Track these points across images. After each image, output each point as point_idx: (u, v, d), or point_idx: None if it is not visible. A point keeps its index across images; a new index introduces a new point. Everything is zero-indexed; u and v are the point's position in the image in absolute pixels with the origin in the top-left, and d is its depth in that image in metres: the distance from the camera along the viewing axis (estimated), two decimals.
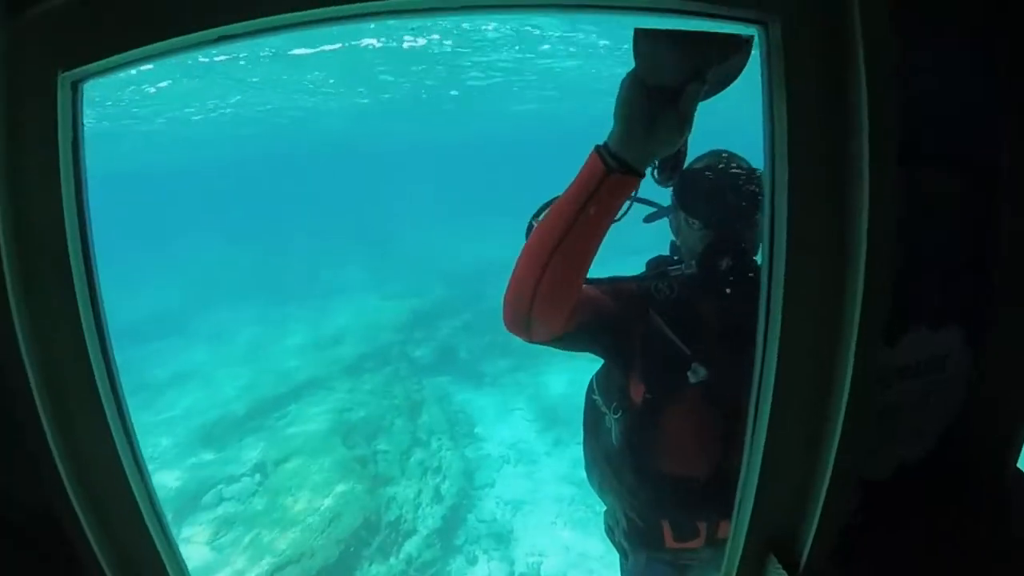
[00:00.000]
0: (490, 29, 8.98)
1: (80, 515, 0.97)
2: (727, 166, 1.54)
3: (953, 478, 1.07)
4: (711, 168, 1.54)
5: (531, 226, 1.41)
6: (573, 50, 10.44)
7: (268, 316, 12.49)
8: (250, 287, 14.84)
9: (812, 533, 1.06)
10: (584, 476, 2.03)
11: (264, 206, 29.33)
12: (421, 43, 9.44)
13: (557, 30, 9.25)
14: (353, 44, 9.07)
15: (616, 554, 1.98)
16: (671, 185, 1.40)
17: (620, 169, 1.14)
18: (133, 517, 1.04)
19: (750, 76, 1.05)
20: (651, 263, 1.68)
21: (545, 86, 13.32)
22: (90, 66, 0.91)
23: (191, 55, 8.09)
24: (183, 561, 1.14)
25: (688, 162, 1.53)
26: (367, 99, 13.27)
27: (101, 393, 0.98)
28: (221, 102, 12.09)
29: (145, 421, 8.19)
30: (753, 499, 1.10)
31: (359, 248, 18.12)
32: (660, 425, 1.57)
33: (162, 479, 6.78)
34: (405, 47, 9.54)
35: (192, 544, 5.82)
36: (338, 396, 8.40)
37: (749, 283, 1.49)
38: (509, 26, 8.87)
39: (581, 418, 1.92)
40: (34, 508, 0.96)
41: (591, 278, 1.50)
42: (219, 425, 7.97)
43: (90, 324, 0.97)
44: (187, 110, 12.35)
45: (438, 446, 7.36)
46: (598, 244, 1.26)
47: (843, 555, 1.07)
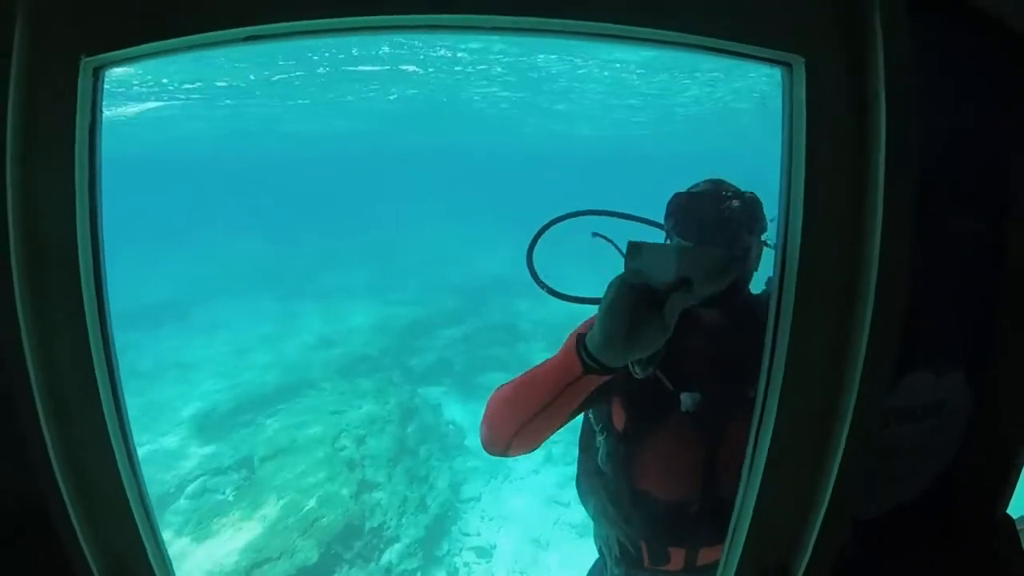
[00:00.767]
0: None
1: (70, 511, 0.96)
2: (719, 193, 1.53)
3: (944, 519, 1.07)
4: (704, 195, 1.54)
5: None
6: (595, 65, 10.54)
7: (268, 313, 12.47)
8: (253, 282, 14.83)
9: (803, 567, 1.06)
10: (572, 496, 2.05)
11: (275, 203, 29.39)
12: (445, 54, 9.54)
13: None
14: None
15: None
16: (646, 375, 1.37)
17: (597, 370, 1.23)
18: (123, 516, 1.03)
19: (772, 113, 1.08)
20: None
21: (565, 102, 13.41)
22: (113, 53, 0.91)
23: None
24: (171, 563, 1.13)
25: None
26: (390, 100, 13.34)
27: (100, 389, 0.97)
28: (242, 100, 12.17)
29: (135, 407, 8.17)
30: (747, 530, 1.10)
31: (365, 252, 18.14)
32: (640, 452, 1.57)
33: (147, 466, 6.74)
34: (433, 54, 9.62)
35: (172, 532, 5.79)
36: (330, 398, 8.38)
37: (737, 314, 1.50)
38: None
39: (572, 438, 1.93)
40: (25, 502, 0.95)
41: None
42: (209, 417, 7.94)
43: (94, 316, 0.96)
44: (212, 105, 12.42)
45: (427, 455, 7.33)
46: (570, 410, 1.40)
47: None
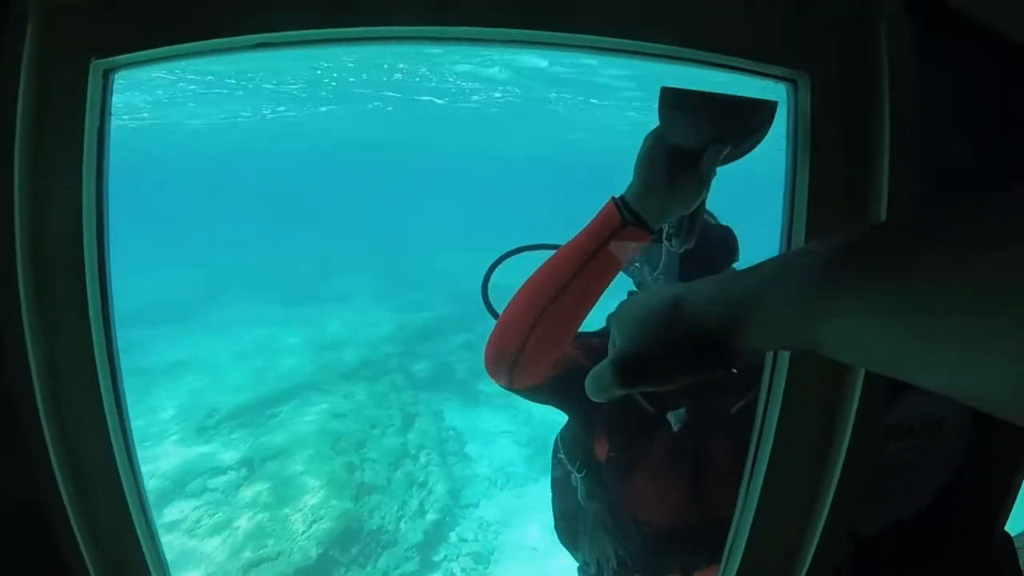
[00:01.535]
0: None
1: (69, 513, 0.96)
2: (689, 215, 1.48)
3: (943, 536, 1.07)
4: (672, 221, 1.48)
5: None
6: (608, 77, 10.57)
7: (273, 314, 12.50)
8: (259, 283, 14.89)
9: None
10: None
11: (284, 206, 29.55)
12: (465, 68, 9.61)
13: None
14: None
15: None
16: (685, 247, 1.33)
17: (634, 223, 1.13)
18: (122, 519, 1.03)
19: (774, 131, 1.08)
20: (611, 318, 1.62)
21: (579, 117, 13.46)
22: (124, 56, 0.91)
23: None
24: (168, 566, 1.13)
25: None
26: (402, 108, 13.43)
27: (102, 391, 0.97)
28: (254, 104, 12.27)
29: (137, 406, 8.21)
30: (744, 547, 1.10)
31: (371, 257, 18.19)
32: (626, 480, 1.55)
33: (149, 462, 6.76)
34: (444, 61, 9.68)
35: (171, 530, 5.79)
36: (333, 401, 8.39)
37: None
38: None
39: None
40: (25, 504, 0.95)
41: None
42: (211, 416, 7.96)
43: (98, 317, 0.96)
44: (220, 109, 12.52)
45: (427, 461, 7.33)
46: (597, 296, 1.24)
47: None
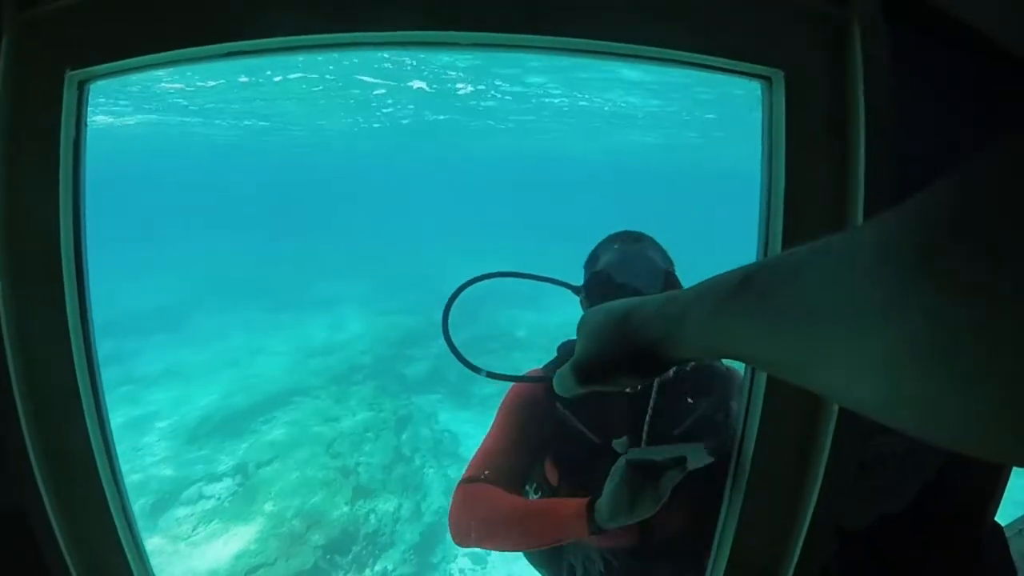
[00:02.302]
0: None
1: (51, 517, 0.95)
2: (633, 256, 1.59)
3: (930, 530, 1.07)
4: (617, 263, 1.59)
5: None
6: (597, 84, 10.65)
7: (264, 320, 12.47)
8: (249, 290, 14.83)
9: None
10: None
11: (272, 212, 29.45)
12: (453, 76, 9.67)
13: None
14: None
15: None
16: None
17: (598, 531, 1.35)
18: (104, 523, 1.02)
19: (751, 126, 1.12)
20: (562, 347, 1.72)
21: (563, 118, 13.55)
22: (98, 67, 0.91)
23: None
24: (151, 570, 1.13)
25: (597, 245, 1.68)
26: (387, 113, 13.45)
27: (82, 396, 0.97)
28: (241, 108, 12.25)
29: (131, 414, 8.17)
30: (730, 546, 1.11)
31: (358, 260, 18.18)
32: (568, 490, 1.61)
33: (144, 472, 6.74)
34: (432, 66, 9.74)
35: (168, 538, 5.78)
36: (326, 405, 8.38)
37: (669, 380, 1.57)
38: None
39: None
40: (5, 508, 0.94)
41: (497, 421, 1.67)
42: (204, 424, 7.92)
43: (76, 326, 0.96)
44: (208, 115, 12.50)
45: (421, 463, 7.34)
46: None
47: None
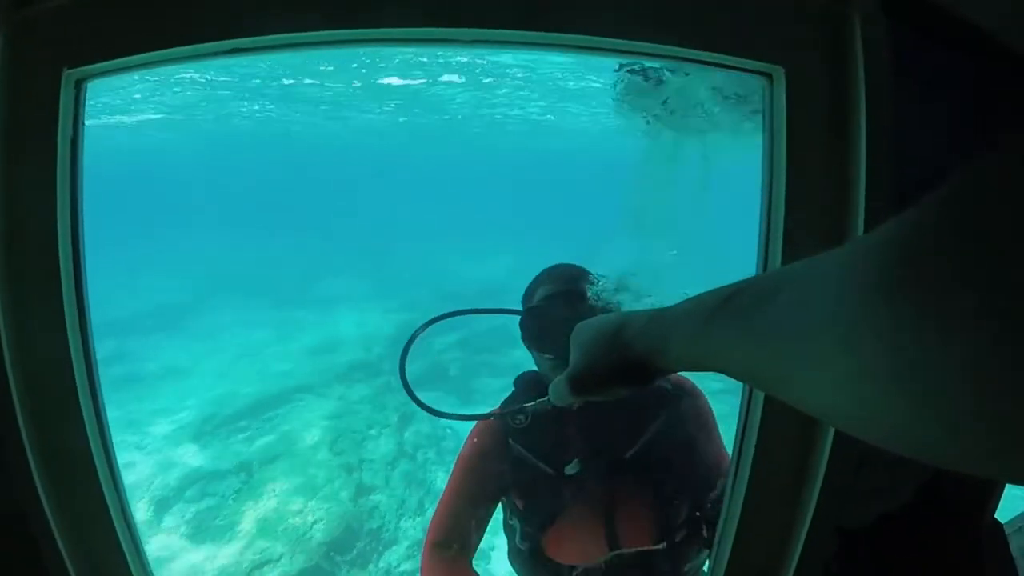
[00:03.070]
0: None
1: (50, 518, 0.95)
2: (568, 291, 1.64)
3: (931, 528, 1.06)
4: (551, 298, 1.64)
5: None
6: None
7: (266, 318, 12.47)
8: (251, 288, 14.85)
9: None
10: None
11: (273, 210, 29.38)
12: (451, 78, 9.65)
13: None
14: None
15: None
16: None
17: None
18: (104, 524, 1.02)
19: (752, 123, 1.13)
20: (518, 380, 1.82)
21: (559, 114, 13.52)
22: (96, 65, 0.91)
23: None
24: (150, 570, 1.13)
25: (533, 279, 1.74)
26: (388, 112, 13.44)
27: (80, 396, 0.97)
28: (240, 105, 12.23)
29: (135, 412, 8.20)
30: (731, 544, 1.11)
31: (361, 259, 18.15)
32: (543, 528, 1.71)
33: (148, 470, 6.78)
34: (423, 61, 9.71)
35: (173, 536, 5.81)
36: (328, 403, 8.40)
37: (612, 405, 1.59)
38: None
39: None
40: (3, 508, 0.94)
41: (449, 484, 1.80)
42: (208, 422, 7.95)
43: (74, 325, 0.95)
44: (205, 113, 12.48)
45: (424, 459, 7.36)
46: None
47: None
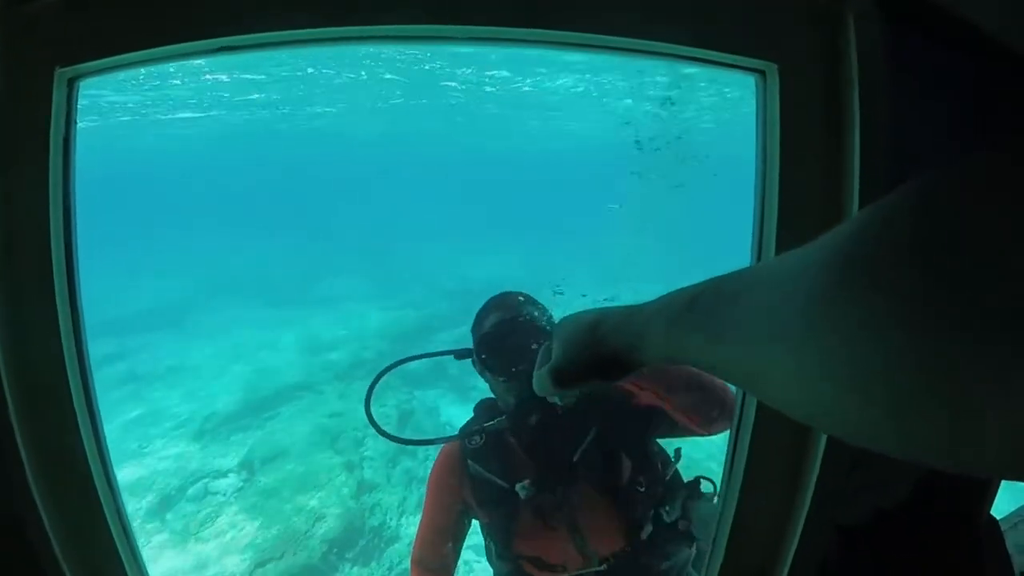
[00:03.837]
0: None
1: (45, 522, 0.95)
2: (513, 318, 1.75)
3: (926, 524, 1.06)
4: (500, 324, 1.75)
5: None
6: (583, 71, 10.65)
7: (265, 317, 12.50)
8: (252, 287, 14.87)
9: None
10: None
11: (271, 210, 29.37)
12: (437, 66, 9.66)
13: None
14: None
15: None
16: None
17: None
18: (99, 528, 1.02)
19: (747, 120, 1.13)
20: (477, 406, 1.91)
21: (551, 106, 13.54)
22: (88, 64, 0.91)
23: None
24: (146, 572, 1.12)
25: (480, 308, 1.84)
26: (385, 109, 13.45)
27: (74, 399, 0.96)
28: (237, 101, 12.24)
29: (137, 412, 8.22)
30: (726, 543, 1.11)
31: (361, 258, 18.16)
32: (509, 541, 1.79)
33: (150, 468, 6.80)
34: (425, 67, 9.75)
35: (175, 534, 5.83)
36: (329, 401, 8.42)
37: (547, 407, 1.71)
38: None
39: None
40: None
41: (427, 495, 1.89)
42: (209, 421, 7.97)
43: (67, 325, 0.95)
44: (206, 109, 12.49)
45: (424, 456, 7.38)
46: None
47: None
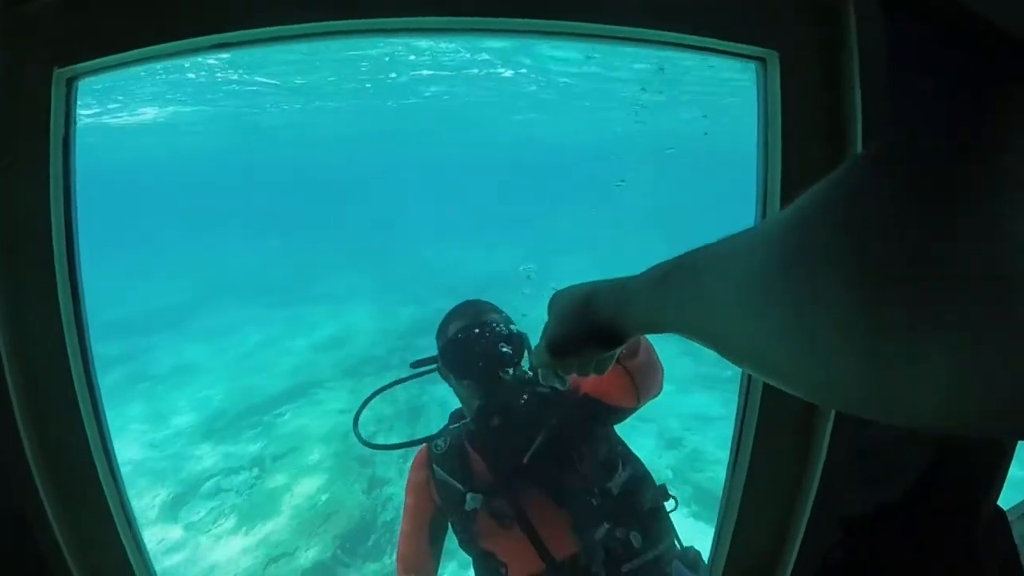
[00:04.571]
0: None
1: (51, 519, 0.95)
2: (475, 323, 1.85)
3: (931, 516, 1.06)
4: (463, 330, 1.84)
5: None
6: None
7: (272, 316, 12.52)
8: (255, 286, 14.90)
9: (790, 568, 1.06)
10: None
11: (273, 208, 29.44)
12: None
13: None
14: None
15: None
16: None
17: None
18: (105, 524, 1.02)
19: (747, 107, 1.12)
20: (453, 415, 2.01)
21: (547, 97, 13.49)
22: (86, 64, 0.91)
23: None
24: (153, 568, 1.13)
25: (444, 317, 1.95)
26: (386, 105, 13.44)
27: (78, 395, 0.97)
28: (241, 102, 12.25)
29: (147, 411, 8.28)
30: (732, 535, 1.10)
31: (364, 255, 18.18)
32: (470, 541, 1.89)
33: (161, 468, 6.84)
34: (412, 58, 9.74)
35: (189, 531, 5.88)
36: (338, 397, 8.44)
37: (522, 418, 1.79)
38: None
39: None
40: (4, 511, 0.94)
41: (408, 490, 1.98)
42: (219, 419, 8.01)
43: (70, 321, 0.96)
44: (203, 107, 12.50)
45: None
46: None
47: None
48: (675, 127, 14.61)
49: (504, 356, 1.79)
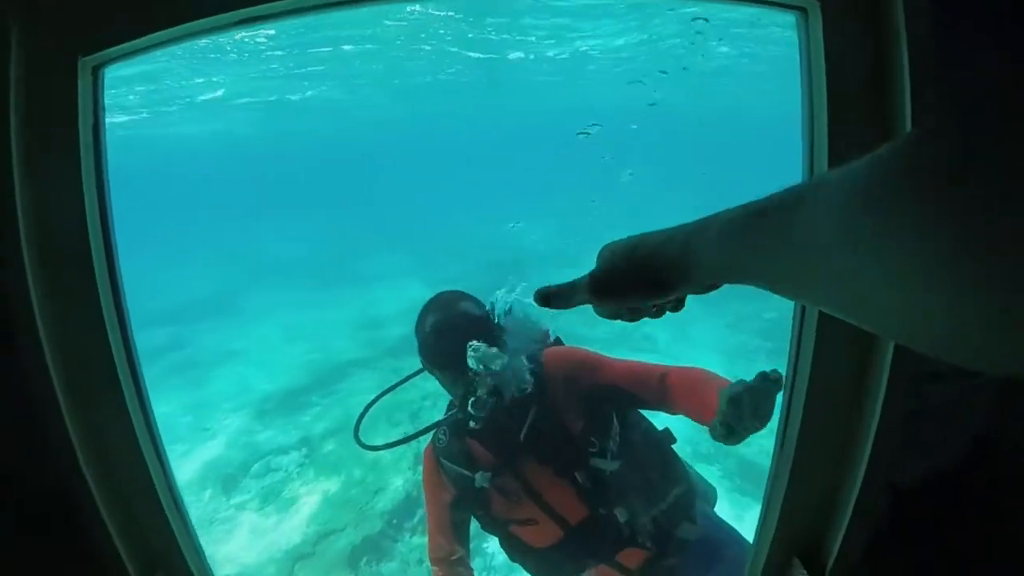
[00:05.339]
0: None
1: (98, 500, 0.96)
2: (452, 315, 1.93)
3: (985, 486, 1.02)
4: (439, 322, 1.93)
5: None
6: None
7: (315, 298, 12.69)
8: (294, 269, 15.16)
9: (840, 539, 1.04)
10: None
11: (311, 190, 29.83)
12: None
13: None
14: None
15: None
16: None
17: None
18: (151, 502, 1.04)
19: (789, 62, 1.05)
20: (448, 406, 2.06)
21: (593, 75, 13.15)
22: (110, 50, 0.91)
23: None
24: (200, 547, 1.14)
25: (421, 310, 2.05)
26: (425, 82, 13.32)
27: (120, 376, 0.98)
28: (281, 85, 12.30)
29: (197, 397, 8.54)
30: (781, 502, 1.08)
31: (403, 233, 18.27)
32: (501, 526, 1.98)
33: (213, 450, 7.06)
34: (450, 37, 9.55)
35: (240, 509, 6.08)
36: (382, 376, 8.55)
37: (512, 403, 1.85)
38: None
39: None
40: (50, 493, 0.95)
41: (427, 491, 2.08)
42: (268, 400, 8.20)
43: (109, 305, 0.96)
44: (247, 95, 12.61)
45: None
46: None
47: (871, 562, 1.04)
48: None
49: (479, 344, 1.83)
